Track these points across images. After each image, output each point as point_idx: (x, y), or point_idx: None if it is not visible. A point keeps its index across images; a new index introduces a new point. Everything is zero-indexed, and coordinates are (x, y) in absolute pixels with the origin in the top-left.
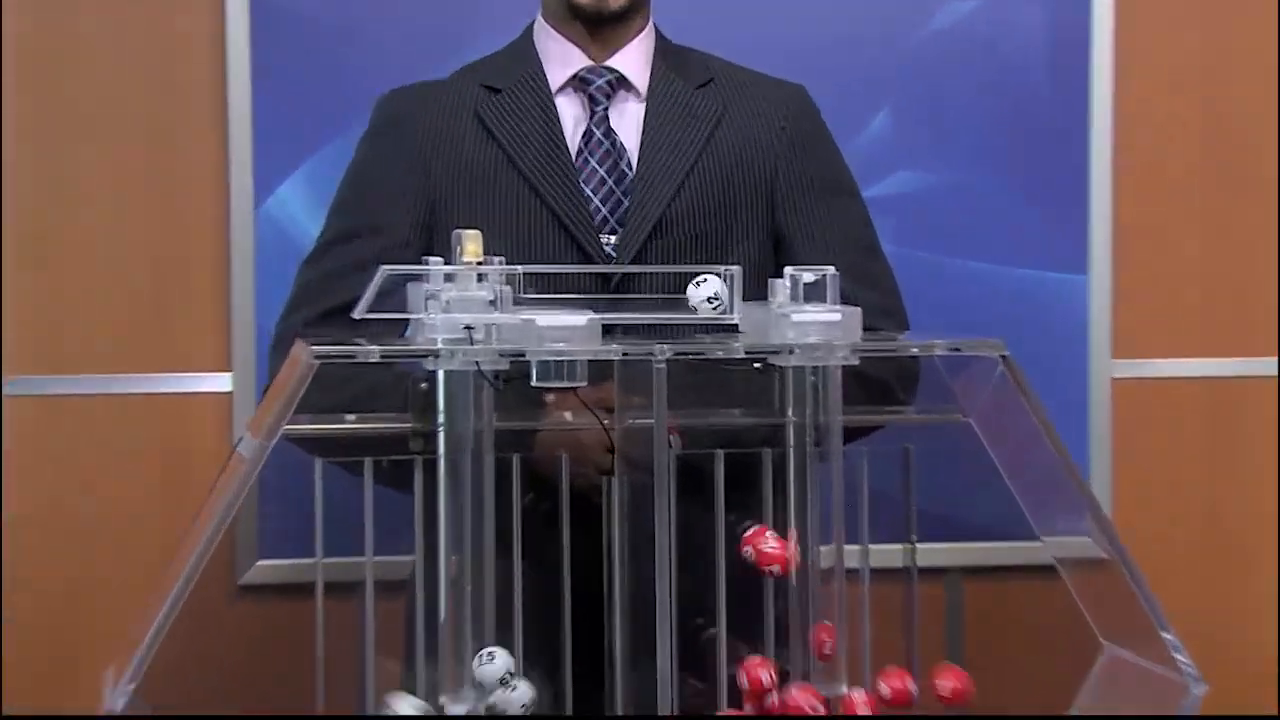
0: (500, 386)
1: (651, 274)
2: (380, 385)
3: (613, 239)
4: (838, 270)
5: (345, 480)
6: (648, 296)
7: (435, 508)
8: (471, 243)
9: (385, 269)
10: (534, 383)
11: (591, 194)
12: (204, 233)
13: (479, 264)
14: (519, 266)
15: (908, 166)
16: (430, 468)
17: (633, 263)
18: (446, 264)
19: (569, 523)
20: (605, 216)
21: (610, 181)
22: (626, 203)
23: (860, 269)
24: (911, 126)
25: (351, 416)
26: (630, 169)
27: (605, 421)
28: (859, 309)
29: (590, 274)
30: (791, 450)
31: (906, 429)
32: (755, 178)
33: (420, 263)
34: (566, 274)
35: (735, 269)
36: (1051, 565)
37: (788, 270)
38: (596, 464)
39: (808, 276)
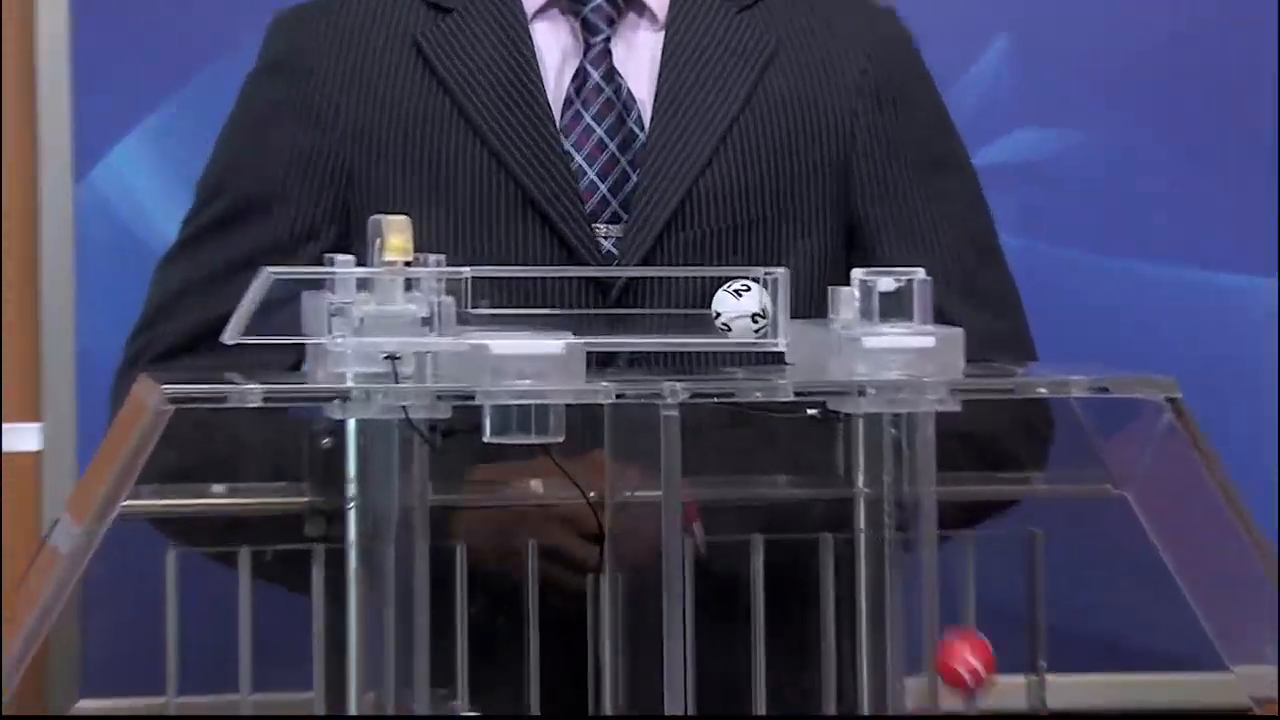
0: (437, 444)
1: (668, 280)
2: (263, 442)
3: (614, 230)
4: (936, 277)
5: (212, 580)
6: (662, 312)
7: (344, 620)
8: (397, 234)
9: (270, 271)
10: (487, 438)
11: (584, 164)
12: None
13: (407, 264)
14: (468, 269)
15: (1033, 121)
16: (336, 562)
17: (641, 264)
18: (361, 263)
19: (538, 644)
20: (604, 197)
21: (612, 146)
22: (635, 178)
23: (968, 277)
24: (1039, 63)
25: (221, 487)
26: (641, 129)
27: (591, 495)
28: (961, 330)
29: (578, 280)
30: (863, 536)
31: (1032, 506)
32: (823, 144)
33: (323, 262)
34: (543, 280)
35: (780, 272)
36: (1246, 707)
37: (857, 275)
38: (578, 556)
39: (886, 283)
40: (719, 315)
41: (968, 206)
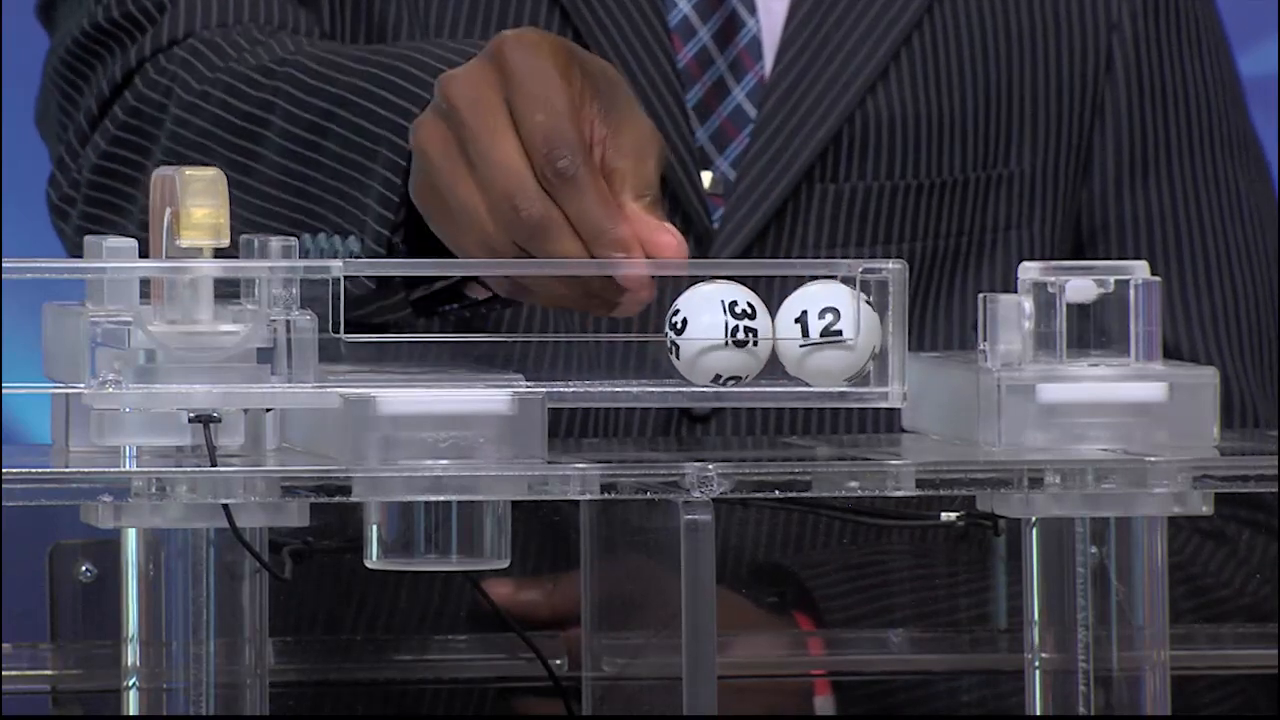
0: (286, 573)
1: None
2: None
3: (707, 178)
4: (1198, 317)
5: None
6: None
7: None
8: (199, 201)
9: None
10: (372, 562)
11: (687, 63)
12: None
13: (222, 253)
14: (338, 262)
15: None
16: None
17: (755, 239)
18: (143, 245)
19: None
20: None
21: (710, 44)
22: (740, 96)
23: (1242, 320)
24: None
25: None
26: (754, 19)
27: (558, 663)
28: (1214, 371)
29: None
30: None
31: None
32: (1063, 72)
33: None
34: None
35: (892, 267)
36: None
37: (1027, 269)
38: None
39: (1081, 287)
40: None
41: (1262, 212)
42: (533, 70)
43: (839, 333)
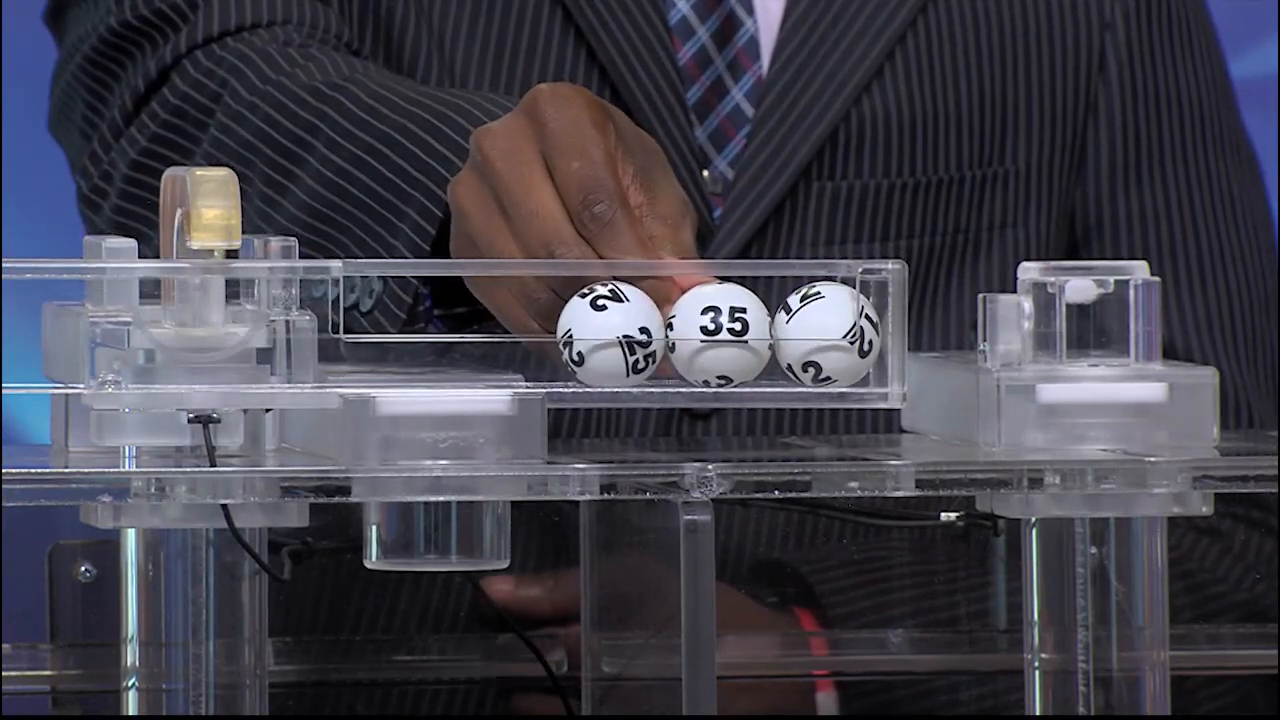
0: (285, 574)
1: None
2: None
3: (705, 177)
4: (1193, 317)
5: None
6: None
7: None
8: (210, 202)
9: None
10: (372, 562)
11: (686, 62)
12: None
13: (231, 254)
14: (337, 263)
15: None
16: None
17: (754, 236)
18: (153, 246)
19: None
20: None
21: (709, 43)
22: (738, 96)
23: (1237, 318)
24: None
25: None
26: (752, 19)
27: (558, 662)
28: (1213, 371)
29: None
30: None
31: None
32: (1056, 69)
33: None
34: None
35: (893, 267)
36: None
37: (1027, 270)
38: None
39: (1081, 287)
40: (780, 348)
41: (1255, 215)
42: (567, 121)
43: (790, 306)
